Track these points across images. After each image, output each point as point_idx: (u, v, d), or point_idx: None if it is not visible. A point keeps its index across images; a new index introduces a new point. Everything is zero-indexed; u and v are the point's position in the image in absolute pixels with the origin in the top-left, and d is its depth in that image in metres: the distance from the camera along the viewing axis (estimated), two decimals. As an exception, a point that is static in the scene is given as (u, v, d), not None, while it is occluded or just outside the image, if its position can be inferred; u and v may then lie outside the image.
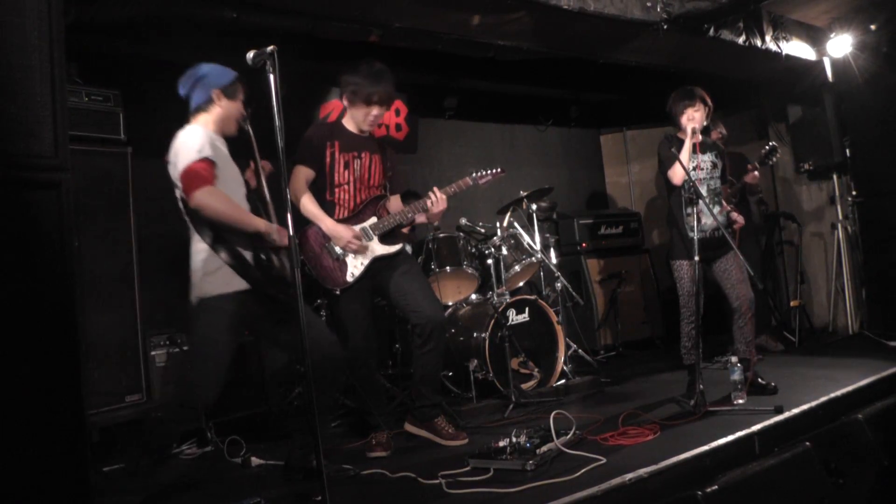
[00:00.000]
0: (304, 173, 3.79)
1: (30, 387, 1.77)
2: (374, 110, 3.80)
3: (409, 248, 4.15)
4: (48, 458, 1.79)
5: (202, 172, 3.03)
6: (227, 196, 3.10)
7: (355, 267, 3.76)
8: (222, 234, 3.08)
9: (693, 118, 4.40)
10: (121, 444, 4.11)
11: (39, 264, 1.79)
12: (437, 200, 3.79)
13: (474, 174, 4.00)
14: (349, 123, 3.91)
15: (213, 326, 3.11)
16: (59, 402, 1.82)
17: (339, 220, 3.77)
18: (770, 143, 5.14)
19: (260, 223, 3.14)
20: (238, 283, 3.11)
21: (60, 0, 1.80)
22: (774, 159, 5.19)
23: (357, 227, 3.78)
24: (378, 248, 3.80)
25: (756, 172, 5.34)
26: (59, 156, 1.80)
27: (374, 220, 3.82)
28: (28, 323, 1.77)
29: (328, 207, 3.79)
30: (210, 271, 3.11)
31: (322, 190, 3.81)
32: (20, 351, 1.76)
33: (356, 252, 3.75)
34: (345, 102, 3.87)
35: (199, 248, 3.13)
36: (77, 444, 1.85)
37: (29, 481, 1.76)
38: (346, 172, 3.82)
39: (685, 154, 4.28)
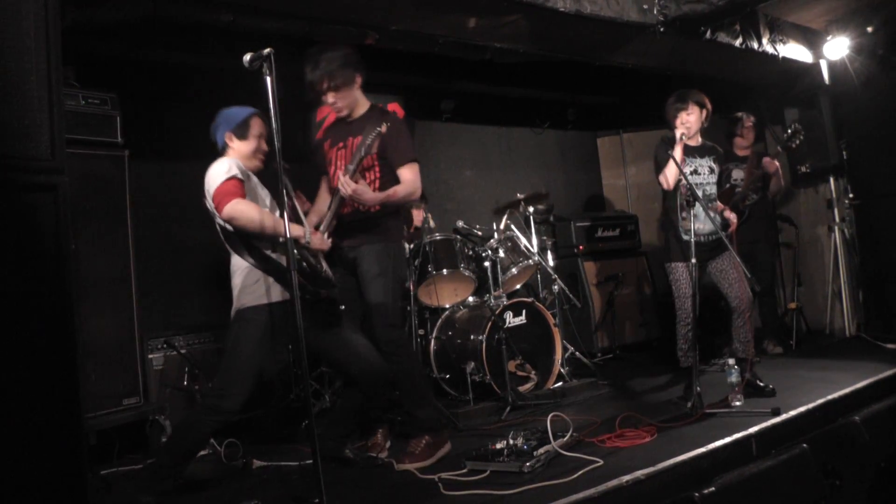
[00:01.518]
0: (322, 182, 3.85)
1: (27, 390, 1.77)
2: (329, 97, 3.60)
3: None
4: (45, 461, 1.79)
5: (231, 188, 3.16)
6: (257, 205, 3.22)
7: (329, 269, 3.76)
8: (258, 248, 3.21)
9: (686, 122, 4.40)
10: (151, 447, 4.16)
11: (36, 267, 1.79)
12: (342, 185, 3.37)
13: (365, 143, 3.43)
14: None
15: (246, 336, 3.24)
16: (57, 405, 1.81)
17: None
18: (794, 124, 5.16)
19: (294, 228, 3.17)
20: (275, 295, 3.24)
21: (57, 3, 1.80)
22: (798, 141, 5.22)
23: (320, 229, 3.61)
24: (328, 244, 3.55)
25: (775, 162, 5.38)
26: (56, 159, 1.80)
27: (326, 217, 3.60)
28: (25, 326, 1.77)
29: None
30: (248, 284, 3.25)
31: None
32: (17, 354, 1.76)
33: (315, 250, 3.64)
34: None
35: (239, 265, 3.28)
36: (74, 448, 1.84)
37: (27, 484, 1.76)
38: (330, 168, 3.75)
39: (677, 157, 4.28)
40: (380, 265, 3.58)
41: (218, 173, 3.21)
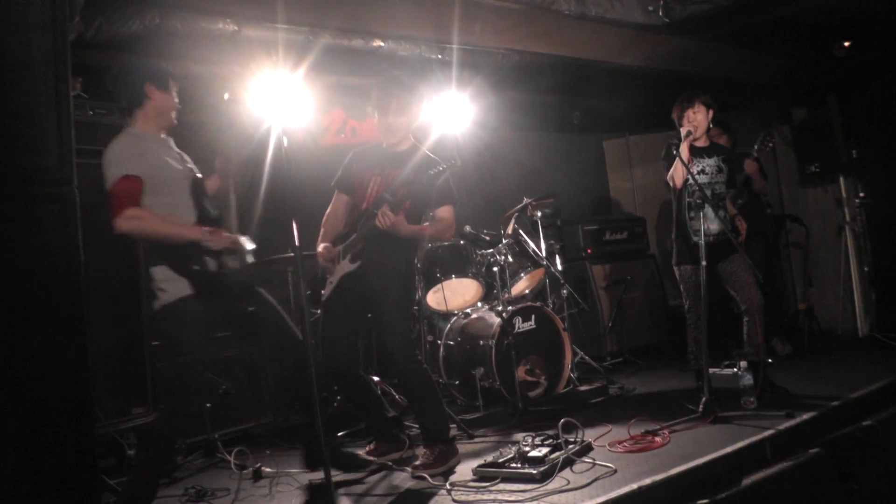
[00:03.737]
0: (335, 198, 3.89)
1: (38, 400, 1.77)
2: (389, 118, 3.69)
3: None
4: (56, 470, 1.78)
5: (121, 195, 3.00)
6: (151, 214, 3.07)
7: (328, 285, 3.77)
8: (161, 248, 3.13)
9: (693, 120, 4.39)
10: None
11: (46, 276, 1.79)
12: (382, 216, 3.46)
13: (419, 181, 3.52)
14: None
15: (176, 331, 3.16)
16: (68, 414, 1.81)
17: (341, 239, 3.76)
18: (764, 132, 5.16)
19: (192, 233, 3.12)
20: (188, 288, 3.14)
21: (64, 17, 1.80)
22: (770, 144, 5.21)
23: (339, 248, 3.72)
24: (345, 267, 3.70)
25: (754, 163, 5.33)
26: (65, 169, 1.80)
27: (351, 238, 3.72)
28: (36, 336, 1.77)
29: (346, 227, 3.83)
30: (165, 279, 3.13)
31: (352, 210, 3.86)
32: (28, 364, 1.76)
33: (330, 270, 3.76)
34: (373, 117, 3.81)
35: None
36: (84, 456, 1.84)
37: (37, 494, 1.76)
38: (359, 190, 3.79)
39: (684, 156, 4.26)
40: (395, 290, 3.65)
41: (111, 162, 3.04)
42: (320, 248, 3.77)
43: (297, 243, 2.83)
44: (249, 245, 3.31)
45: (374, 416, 3.87)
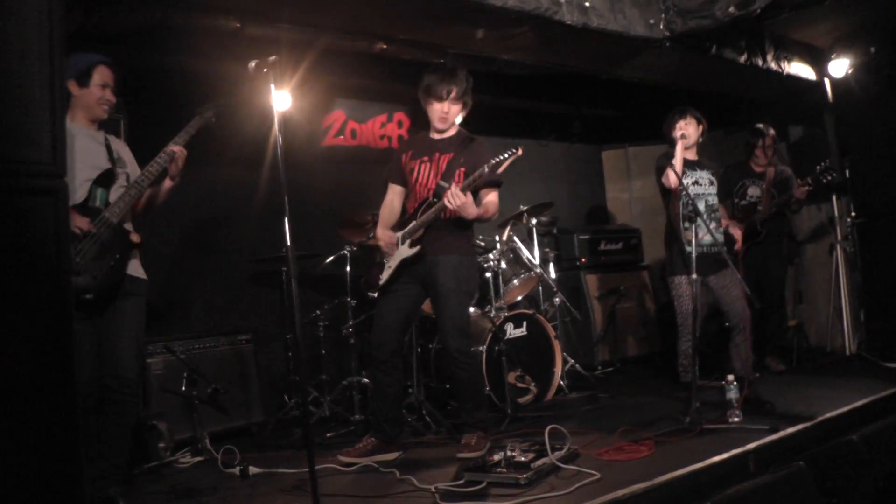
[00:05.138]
0: (389, 190, 4.04)
1: (22, 395, 1.77)
2: (444, 106, 3.85)
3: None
4: (41, 469, 1.78)
5: None
6: None
7: (387, 271, 3.88)
8: None
9: (684, 128, 4.46)
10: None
11: (35, 271, 1.79)
12: (452, 196, 3.58)
13: (490, 163, 3.64)
14: (430, 130, 4.03)
15: None
16: (53, 410, 1.81)
17: (399, 225, 3.94)
18: (824, 161, 5.17)
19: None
20: None
21: (62, 7, 1.81)
22: (829, 178, 5.23)
23: (398, 234, 3.88)
24: (403, 252, 3.84)
25: (807, 190, 5.37)
26: (57, 163, 1.80)
27: (411, 225, 3.86)
28: (22, 330, 1.77)
29: (405, 215, 3.98)
30: None
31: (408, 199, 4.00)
32: (13, 359, 1.76)
33: (391, 255, 3.88)
34: (422, 103, 3.96)
35: None
36: (70, 454, 1.84)
37: (22, 492, 1.76)
38: (411, 178, 3.94)
39: (678, 162, 4.31)
40: (456, 278, 3.80)
41: None
42: (380, 232, 3.94)
43: (289, 243, 2.84)
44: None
45: (390, 409, 3.90)
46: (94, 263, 3.11)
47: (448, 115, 3.89)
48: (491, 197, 3.88)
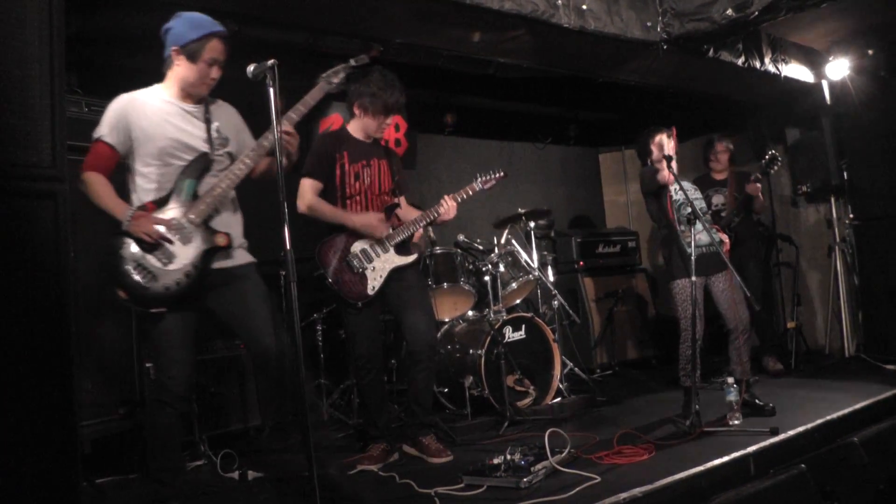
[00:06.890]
0: (313, 186, 3.78)
1: (21, 397, 1.76)
2: (389, 119, 3.88)
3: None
4: (38, 470, 1.78)
5: (88, 157, 2.95)
6: (99, 183, 2.92)
7: (374, 279, 3.75)
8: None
9: (664, 141, 4.48)
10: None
11: (35, 274, 1.78)
12: (448, 207, 3.86)
13: (479, 179, 4.11)
14: (356, 132, 3.91)
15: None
16: (51, 412, 1.81)
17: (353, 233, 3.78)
18: (770, 152, 5.16)
19: (118, 211, 2.92)
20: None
21: (61, 11, 1.81)
22: (776, 167, 5.22)
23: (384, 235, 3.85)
24: (396, 259, 3.79)
25: (758, 184, 5.37)
26: (57, 166, 1.80)
27: (388, 231, 3.81)
28: (21, 332, 1.77)
29: None
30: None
31: (332, 202, 3.79)
32: (12, 361, 1.75)
33: (376, 242, 3.78)
34: (357, 112, 3.85)
35: None
36: (68, 456, 1.83)
37: (19, 493, 1.75)
38: (357, 183, 3.81)
39: (668, 173, 4.32)
40: (419, 277, 4.07)
41: (103, 120, 2.96)
42: (368, 217, 3.74)
43: (288, 246, 2.82)
44: (188, 248, 2.98)
45: (386, 416, 3.94)
46: (167, 272, 2.92)
47: (385, 128, 3.94)
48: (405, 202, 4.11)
